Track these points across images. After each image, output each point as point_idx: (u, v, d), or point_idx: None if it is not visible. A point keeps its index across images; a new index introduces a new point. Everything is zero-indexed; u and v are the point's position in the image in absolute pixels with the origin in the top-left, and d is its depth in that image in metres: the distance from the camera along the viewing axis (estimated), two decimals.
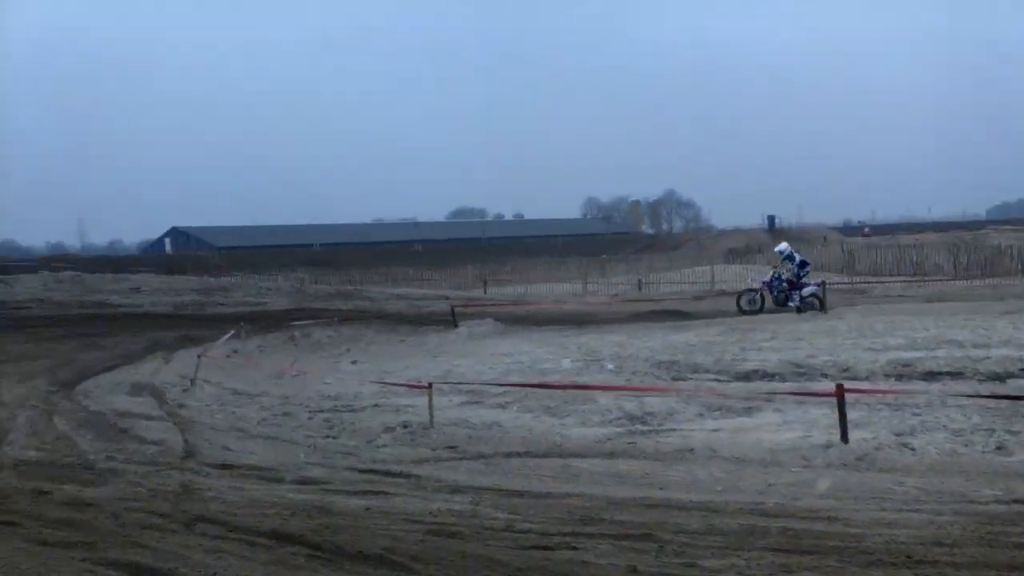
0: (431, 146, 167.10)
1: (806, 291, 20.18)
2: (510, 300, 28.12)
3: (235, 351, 17.03)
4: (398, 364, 15.15)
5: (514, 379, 12.51)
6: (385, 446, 9.08)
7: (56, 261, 50.24)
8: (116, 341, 18.77)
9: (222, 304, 25.77)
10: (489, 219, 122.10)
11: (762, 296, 20.57)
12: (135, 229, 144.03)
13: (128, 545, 5.53)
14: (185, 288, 28.20)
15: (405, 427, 9.67)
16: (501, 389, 11.31)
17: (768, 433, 8.50)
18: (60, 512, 6.48)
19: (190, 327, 20.72)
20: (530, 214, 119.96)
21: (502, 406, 10.65)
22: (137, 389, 13.25)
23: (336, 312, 23.39)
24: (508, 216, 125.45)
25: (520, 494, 6.75)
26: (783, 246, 21.53)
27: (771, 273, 20.99)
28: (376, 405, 11.09)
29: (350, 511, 6.37)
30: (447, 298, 27.41)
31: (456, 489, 6.99)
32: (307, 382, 13.27)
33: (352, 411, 10.87)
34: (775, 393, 10.18)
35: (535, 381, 12.02)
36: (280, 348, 18.37)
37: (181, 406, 11.81)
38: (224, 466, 8.18)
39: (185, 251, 73.39)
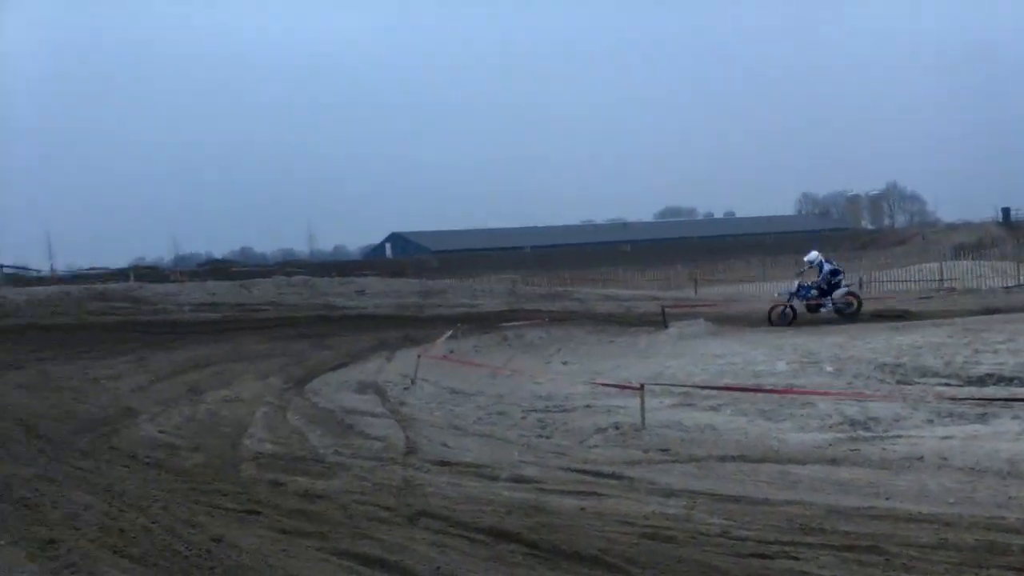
0: (640, 146, 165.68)
1: (837, 294, 20.49)
2: (721, 300, 27.50)
3: (452, 351, 17.65)
4: (608, 364, 15.19)
5: (727, 381, 12.25)
6: (597, 447, 9.13)
7: (288, 266, 53.92)
8: (343, 341, 19.90)
9: (440, 306, 26.73)
10: (699, 218, 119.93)
11: (792, 308, 20.52)
12: (358, 235, 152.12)
13: (357, 536, 5.86)
14: (406, 290, 29.39)
15: (616, 428, 9.69)
16: (714, 391, 11.11)
17: (1006, 442, 7.89)
18: (295, 503, 6.94)
19: (411, 327, 21.71)
20: (741, 212, 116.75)
21: (715, 408, 10.46)
22: (362, 387, 14.00)
23: (547, 313, 23.73)
24: (718, 214, 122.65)
25: (736, 500, 6.62)
26: (812, 255, 21.24)
27: (796, 283, 20.93)
28: (588, 406, 11.17)
29: (565, 511, 6.47)
30: (656, 298, 27.19)
31: (670, 492, 6.94)
32: (520, 382, 13.54)
33: (564, 411, 11.00)
34: (1014, 399, 9.44)
35: (748, 383, 11.73)
36: (494, 348, 18.86)
37: (402, 404, 12.38)
38: (443, 463, 8.47)
39: (404, 255, 76.58)
